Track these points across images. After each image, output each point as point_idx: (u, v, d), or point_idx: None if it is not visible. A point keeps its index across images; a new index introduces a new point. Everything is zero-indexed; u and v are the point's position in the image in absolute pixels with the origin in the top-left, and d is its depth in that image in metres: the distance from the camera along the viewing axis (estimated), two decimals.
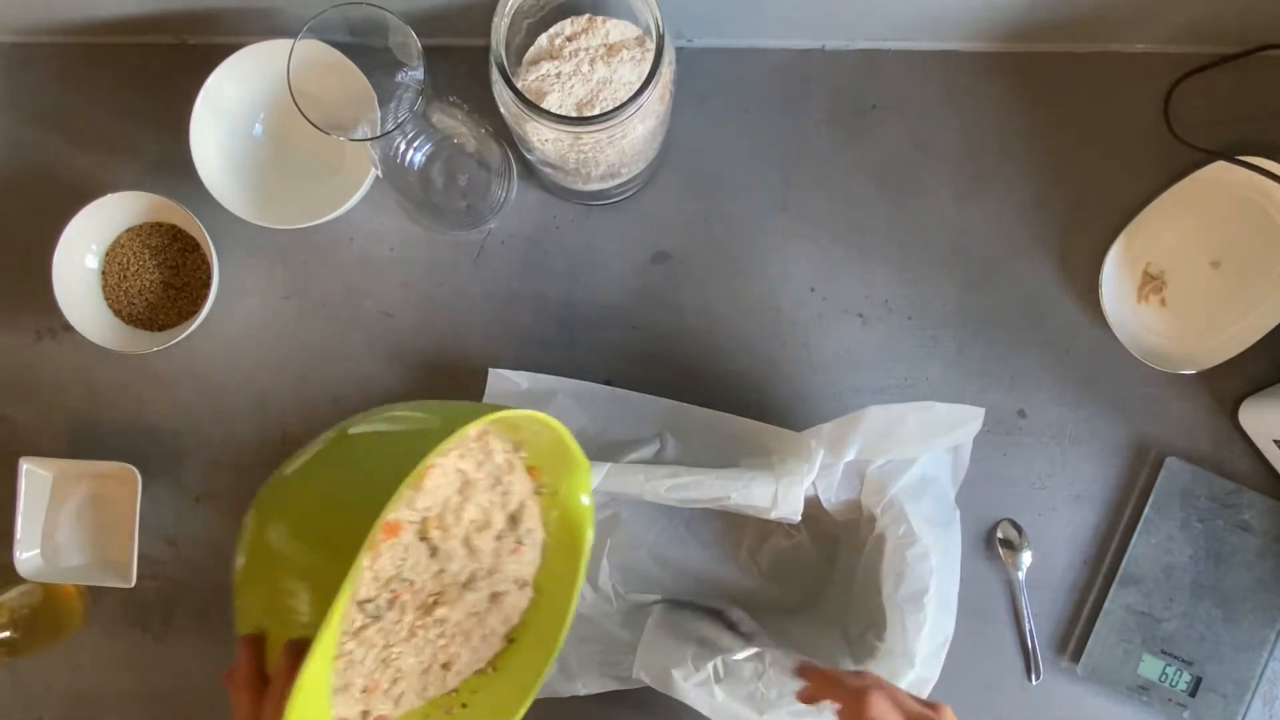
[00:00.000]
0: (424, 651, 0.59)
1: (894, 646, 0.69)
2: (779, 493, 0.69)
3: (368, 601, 0.56)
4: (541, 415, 0.57)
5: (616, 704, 0.76)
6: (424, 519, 0.58)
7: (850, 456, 0.70)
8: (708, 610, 0.75)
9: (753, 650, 0.69)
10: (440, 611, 0.59)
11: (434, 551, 0.58)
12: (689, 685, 0.70)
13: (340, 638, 0.54)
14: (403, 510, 0.56)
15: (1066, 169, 0.79)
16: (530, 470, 0.63)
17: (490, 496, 0.61)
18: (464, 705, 0.62)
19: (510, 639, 0.64)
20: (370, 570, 0.55)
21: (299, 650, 0.48)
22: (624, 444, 0.76)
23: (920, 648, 0.68)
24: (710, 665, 0.70)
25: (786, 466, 0.70)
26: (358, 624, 0.55)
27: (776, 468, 0.70)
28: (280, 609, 0.52)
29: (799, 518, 0.71)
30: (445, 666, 0.61)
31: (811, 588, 0.77)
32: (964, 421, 0.71)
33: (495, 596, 0.62)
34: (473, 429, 0.55)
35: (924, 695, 0.71)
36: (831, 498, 0.72)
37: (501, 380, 0.77)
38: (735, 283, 0.79)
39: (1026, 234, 0.79)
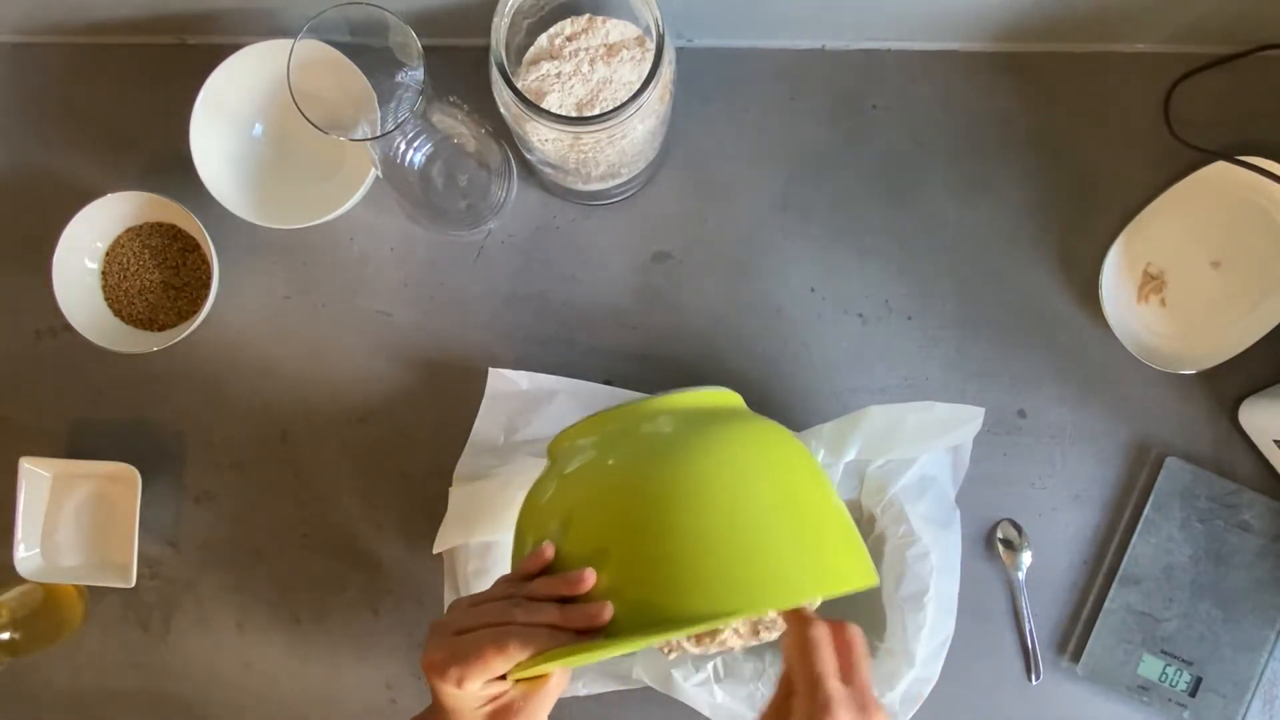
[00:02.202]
0: None
1: (894, 646, 0.69)
2: None
3: None
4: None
5: (617, 704, 0.76)
6: None
7: (850, 456, 0.70)
8: None
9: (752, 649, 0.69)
10: None
11: None
12: (689, 685, 0.70)
13: None
14: None
15: (1066, 169, 0.79)
16: None
17: None
18: None
19: None
20: None
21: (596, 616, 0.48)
22: None
23: (920, 648, 0.68)
24: (710, 665, 0.70)
25: None
26: None
27: None
28: (615, 570, 0.51)
29: None
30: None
31: None
32: (964, 421, 0.71)
33: None
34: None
35: (924, 695, 0.71)
36: None
37: (502, 380, 0.77)
38: (735, 283, 0.79)
39: (1026, 234, 0.79)
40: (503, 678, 0.50)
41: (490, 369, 0.77)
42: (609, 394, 0.77)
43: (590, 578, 0.50)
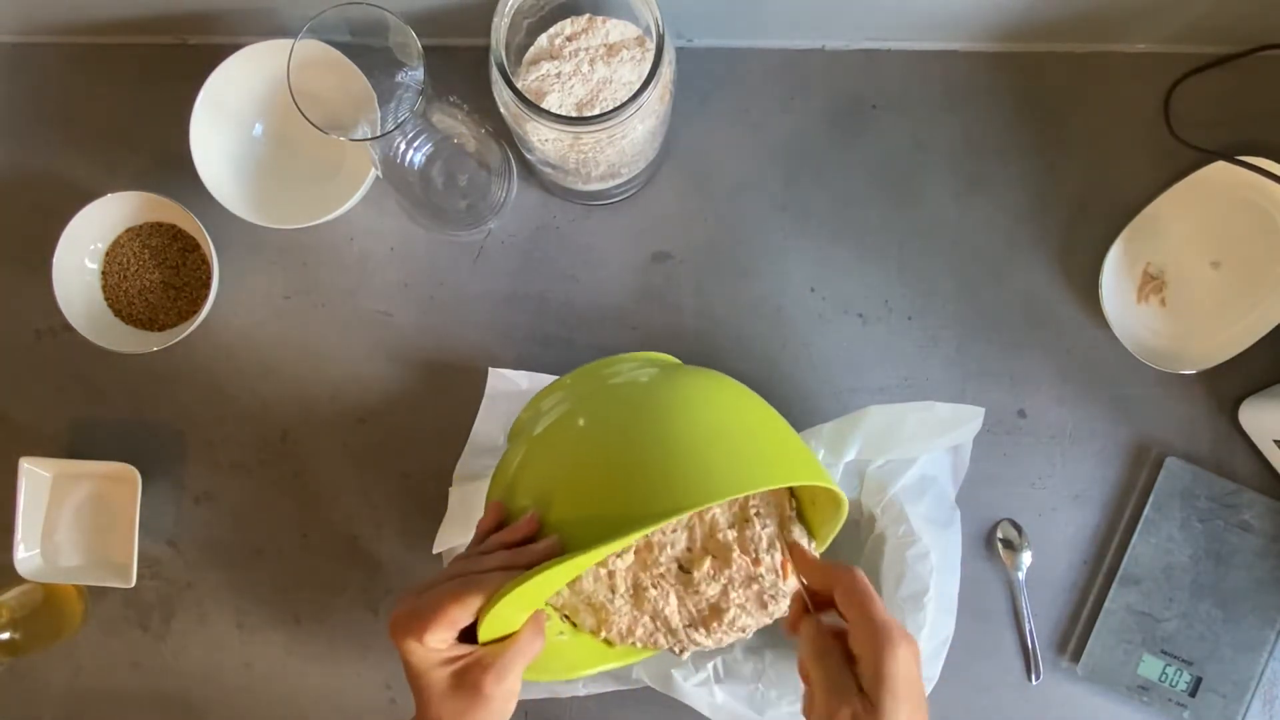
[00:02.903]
0: (599, 591, 0.61)
1: None
2: None
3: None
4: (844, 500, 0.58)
5: (616, 704, 0.76)
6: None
7: (850, 456, 0.70)
8: None
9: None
10: (648, 591, 0.61)
11: (690, 566, 0.61)
12: (689, 685, 0.70)
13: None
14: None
15: (1066, 169, 0.79)
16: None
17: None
18: (561, 633, 0.63)
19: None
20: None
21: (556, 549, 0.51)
22: None
23: (920, 647, 0.68)
24: (710, 665, 0.70)
25: None
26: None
27: None
28: (560, 503, 0.54)
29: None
30: (595, 624, 0.63)
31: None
32: (964, 421, 0.71)
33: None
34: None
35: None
36: None
37: (502, 380, 0.77)
38: (735, 283, 0.79)
39: (1026, 234, 0.79)
40: (471, 640, 0.52)
41: (490, 369, 0.77)
42: None
43: (534, 520, 0.54)
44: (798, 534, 0.62)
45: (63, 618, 0.78)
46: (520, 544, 0.53)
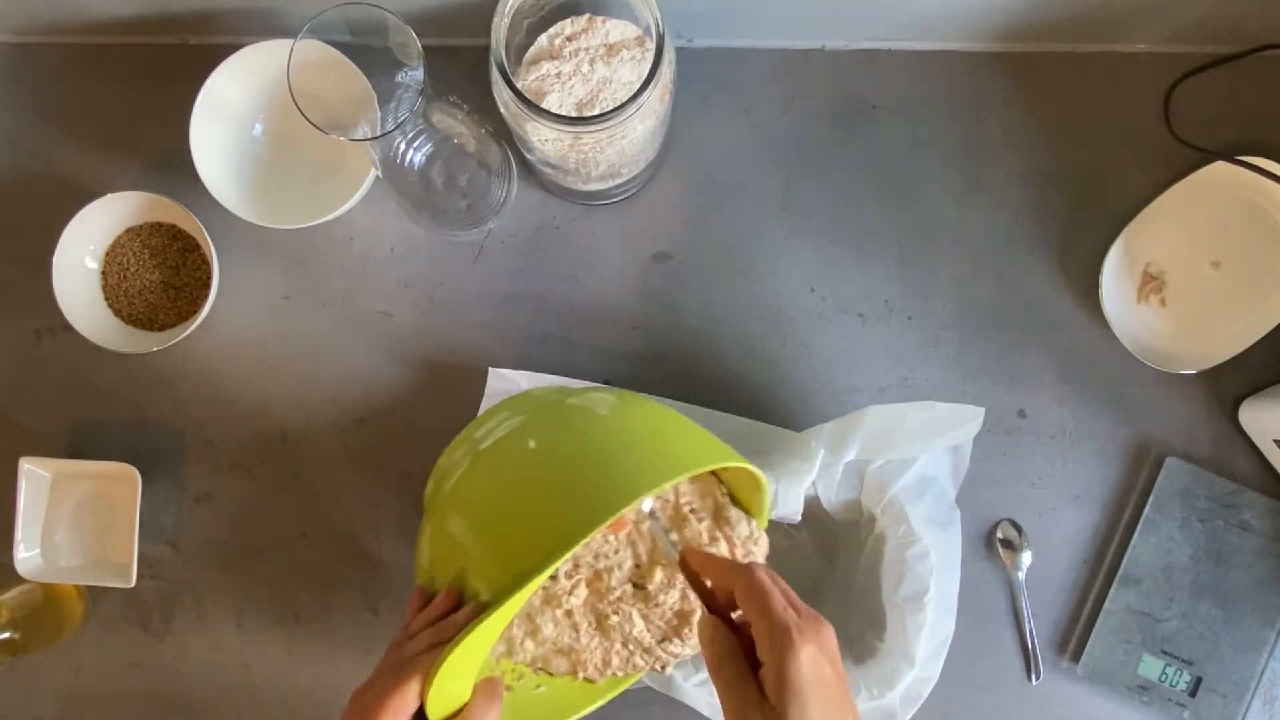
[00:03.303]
0: (563, 632, 0.62)
1: (894, 647, 0.69)
2: (779, 492, 0.70)
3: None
4: (756, 472, 0.59)
5: (616, 704, 0.76)
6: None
7: (850, 456, 0.70)
8: None
9: None
10: (611, 619, 0.62)
11: (642, 583, 0.62)
12: (689, 685, 0.70)
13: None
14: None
15: (1066, 169, 0.79)
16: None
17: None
18: (539, 686, 0.64)
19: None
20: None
21: (478, 610, 0.52)
22: None
23: (920, 648, 0.68)
24: None
25: (787, 467, 0.70)
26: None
27: (777, 467, 0.70)
28: (475, 563, 0.55)
29: (799, 518, 0.71)
30: (571, 668, 0.64)
31: (811, 588, 0.77)
32: (964, 421, 0.71)
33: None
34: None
35: (924, 695, 0.71)
36: (831, 498, 0.72)
37: (501, 380, 0.77)
38: (735, 283, 0.79)
39: (1026, 234, 0.79)
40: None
41: (490, 369, 0.77)
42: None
43: (453, 592, 0.55)
44: (735, 517, 0.63)
45: (63, 618, 0.78)
46: (445, 616, 0.54)
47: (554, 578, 0.61)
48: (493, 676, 0.56)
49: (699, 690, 0.70)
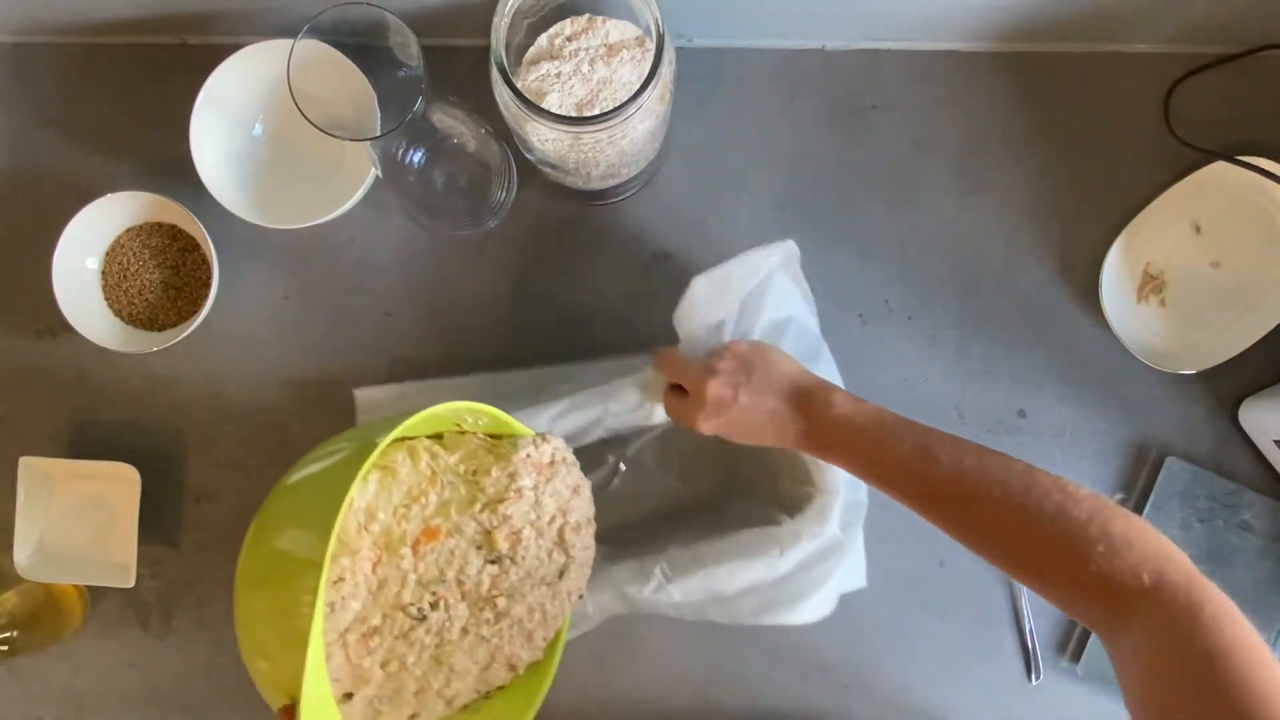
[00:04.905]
0: (479, 651, 0.60)
1: (818, 483, 0.69)
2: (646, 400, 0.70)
3: (410, 605, 0.57)
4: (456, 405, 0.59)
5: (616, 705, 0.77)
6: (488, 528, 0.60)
7: (700, 332, 0.69)
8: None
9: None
10: (500, 604, 0.60)
11: (498, 555, 0.60)
12: (646, 595, 0.70)
13: (384, 641, 0.57)
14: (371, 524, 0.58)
15: (1066, 169, 0.79)
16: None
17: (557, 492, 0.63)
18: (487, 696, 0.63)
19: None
20: (413, 574, 0.57)
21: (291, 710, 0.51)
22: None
23: (834, 472, 0.68)
24: (657, 570, 0.70)
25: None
26: (405, 627, 0.57)
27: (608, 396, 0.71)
28: (282, 666, 0.54)
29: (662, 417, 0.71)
30: (510, 667, 0.62)
31: (728, 471, 0.77)
32: (777, 253, 0.70)
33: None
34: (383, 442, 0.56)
35: (861, 515, 0.70)
36: None
37: (370, 396, 0.78)
38: None
39: (1026, 234, 0.79)
40: None
41: (355, 389, 0.78)
42: (488, 379, 0.78)
43: (284, 714, 0.53)
44: (510, 446, 0.63)
45: (63, 618, 0.78)
46: None
47: (423, 617, 0.58)
48: None
49: (657, 596, 0.70)
